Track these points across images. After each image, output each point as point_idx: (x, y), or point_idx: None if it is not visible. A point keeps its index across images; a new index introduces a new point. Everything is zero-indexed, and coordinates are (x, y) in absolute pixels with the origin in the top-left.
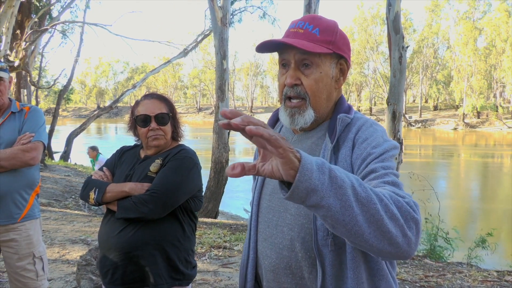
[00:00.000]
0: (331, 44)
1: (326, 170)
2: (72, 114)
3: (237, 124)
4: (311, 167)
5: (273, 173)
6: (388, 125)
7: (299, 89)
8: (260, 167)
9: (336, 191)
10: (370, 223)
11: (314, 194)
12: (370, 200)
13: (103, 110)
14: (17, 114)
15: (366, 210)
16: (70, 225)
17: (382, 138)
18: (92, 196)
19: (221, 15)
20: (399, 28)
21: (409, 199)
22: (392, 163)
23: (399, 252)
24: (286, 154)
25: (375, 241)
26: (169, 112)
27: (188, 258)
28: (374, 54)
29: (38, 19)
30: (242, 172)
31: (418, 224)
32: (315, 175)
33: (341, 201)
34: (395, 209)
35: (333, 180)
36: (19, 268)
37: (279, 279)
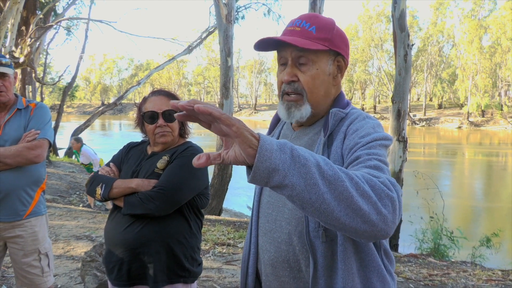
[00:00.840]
0: (327, 41)
1: (287, 149)
2: (77, 111)
3: (183, 105)
4: (271, 147)
5: (236, 159)
6: (393, 123)
7: (296, 85)
8: (225, 155)
9: (300, 169)
10: (339, 201)
11: (276, 174)
12: (338, 177)
13: (107, 107)
14: (23, 110)
15: (333, 188)
16: (74, 221)
17: (372, 128)
18: (99, 192)
19: (226, 12)
20: (404, 26)
21: (384, 179)
22: (379, 150)
23: (376, 230)
24: (241, 132)
25: (347, 219)
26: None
27: (194, 255)
28: (378, 52)
29: (43, 15)
30: (207, 162)
31: (394, 202)
32: (276, 154)
33: (305, 179)
34: (366, 187)
35: (296, 159)
36: (24, 264)
37: (278, 272)
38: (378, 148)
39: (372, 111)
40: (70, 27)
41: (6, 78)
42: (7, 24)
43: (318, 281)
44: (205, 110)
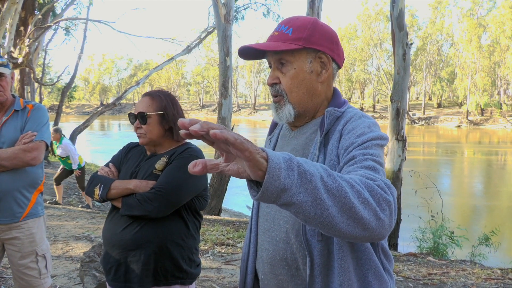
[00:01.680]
0: (301, 40)
1: (294, 166)
2: (76, 111)
3: (196, 130)
4: (279, 166)
5: (239, 174)
6: (392, 123)
7: (277, 87)
8: (224, 167)
9: (306, 186)
10: (342, 213)
11: (284, 193)
12: (341, 189)
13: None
14: (20, 112)
15: (337, 201)
16: (73, 222)
17: (368, 128)
18: (97, 192)
19: (225, 12)
20: (403, 25)
21: (380, 181)
22: (375, 150)
23: (374, 234)
24: (253, 157)
25: (349, 229)
26: (159, 111)
27: (192, 256)
28: (377, 51)
29: (42, 16)
30: (204, 170)
31: (391, 205)
32: (284, 174)
33: (312, 196)
34: (366, 193)
35: (303, 176)
36: (21, 266)
37: (276, 271)
38: (374, 148)
39: (371, 110)
40: (68, 28)
41: (3, 78)
42: (5, 24)
43: (315, 280)
44: (222, 137)
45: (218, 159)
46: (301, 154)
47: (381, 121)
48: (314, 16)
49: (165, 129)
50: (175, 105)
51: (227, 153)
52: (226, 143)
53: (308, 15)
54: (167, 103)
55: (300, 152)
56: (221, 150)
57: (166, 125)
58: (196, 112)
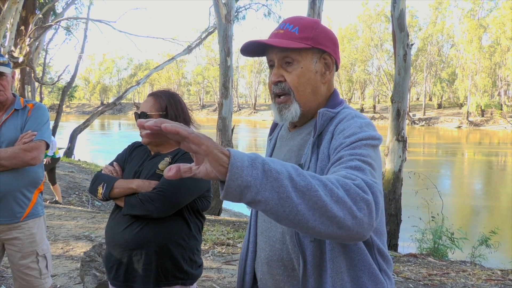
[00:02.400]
0: (309, 40)
1: (259, 164)
2: (76, 111)
3: (150, 125)
4: (242, 164)
5: (208, 175)
6: (392, 123)
7: (283, 85)
8: (196, 169)
9: (272, 183)
10: (313, 211)
11: (248, 190)
12: (310, 187)
13: (106, 107)
14: (20, 111)
15: (307, 198)
16: (73, 221)
17: (359, 128)
18: (100, 191)
19: (226, 12)
20: (404, 25)
21: (360, 180)
22: (364, 150)
23: (351, 234)
24: (210, 151)
25: (323, 227)
26: (160, 112)
27: (193, 257)
28: (378, 52)
29: (43, 15)
30: (177, 174)
31: (369, 204)
32: (247, 171)
33: (278, 193)
34: (340, 192)
35: (268, 173)
36: (22, 266)
37: (272, 271)
38: (363, 148)
39: (371, 111)
40: (69, 27)
41: (4, 77)
42: (6, 24)
43: (308, 280)
44: (172, 129)
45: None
46: (297, 155)
47: (381, 122)
48: (315, 16)
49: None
50: (179, 106)
51: (196, 155)
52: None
53: (309, 16)
54: (169, 104)
55: (295, 153)
56: (187, 150)
57: None
58: (197, 112)
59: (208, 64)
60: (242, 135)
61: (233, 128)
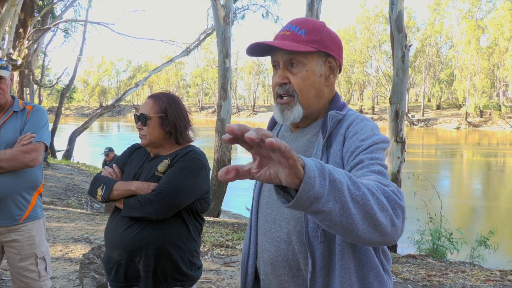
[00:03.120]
0: (316, 43)
1: (326, 174)
2: (75, 113)
3: (252, 138)
4: (314, 174)
5: (270, 179)
6: (391, 124)
7: (287, 87)
8: (256, 173)
9: (335, 194)
10: (364, 219)
11: (316, 202)
12: (365, 197)
13: (105, 109)
14: (19, 113)
15: (361, 208)
16: (72, 224)
17: (371, 131)
18: (99, 193)
19: (224, 14)
20: (402, 27)
21: (394, 187)
22: (380, 154)
23: (388, 240)
24: (296, 165)
25: (368, 235)
26: (159, 113)
27: (192, 259)
28: (377, 53)
29: (41, 17)
30: (236, 177)
31: (404, 211)
32: (318, 182)
33: (340, 204)
34: (384, 200)
35: (333, 184)
36: (21, 268)
37: (277, 271)
38: (379, 152)
39: (370, 112)
40: (68, 29)
41: (2, 81)
42: (4, 26)
43: (316, 280)
44: (277, 146)
45: (248, 164)
46: (302, 156)
47: (380, 123)
48: (313, 17)
49: (165, 131)
50: (178, 108)
51: (262, 158)
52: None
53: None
54: (169, 106)
55: (301, 154)
56: (258, 155)
57: (167, 127)
58: (196, 113)
59: (206, 66)
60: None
61: None
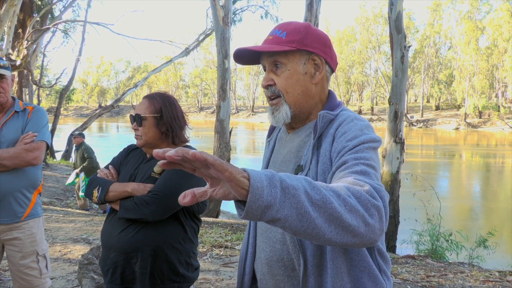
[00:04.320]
0: (295, 43)
1: (277, 182)
2: (74, 113)
3: (171, 156)
4: (261, 184)
5: (226, 196)
6: (390, 125)
7: (273, 88)
8: (212, 192)
9: (290, 200)
10: (329, 222)
11: (268, 210)
12: (325, 200)
13: (104, 109)
14: (20, 113)
15: (323, 211)
16: (71, 224)
17: (360, 131)
18: (96, 194)
19: (223, 14)
20: (401, 27)
21: (369, 187)
22: (367, 154)
23: (364, 240)
24: (234, 177)
25: (338, 237)
26: (155, 114)
27: (189, 260)
28: (376, 54)
29: (40, 18)
30: (193, 199)
31: (380, 210)
32: (267, 191)
33: (296, 209)
34: (353, 201)
35: (286, 191)
36: (23, 266)
37: (273, 271)
38: (366, 151)
39: (369, 113)
40: (67, 30)
41: (4, 80)
42: (3, 26)
43: (308, 279)
44: (201, 157)
45: (205, 187)
46: (296, 156)
47: (379, 124)
48: (313, 18)
49: (161, 132)
50: (173, 108)
51: (211, 179)
52: (205, 164)
53: (306, 18)
54: (164, 106)
55: (294, 154)
56: (204, 176)
57: (163, 127)
58: (195, 114)
59: (206, 66)
60: (240, 137)
61: (231, 130)
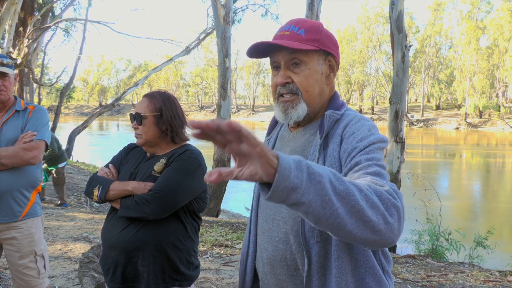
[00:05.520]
0: (316, 42)
1: (304, 167)
2: (74, 112)
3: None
4: (289, 165)
5: (252, 177)
6: (390, 124)
7: (290, 86)
8: (238, 172)
9: (315, 186)
10: (351, 214)
11: (294, 192)
12: (349, 192)
13: (105, 108)
14: (21, 112)
15: (346, 202)
16: (72, 222)
17: (368, 131)
18: (96, 193)
19: (224, 13)
20: (402, 27)
21: (389, 187)
22: (377, 155)
23: (383, 239)
24: (264, 153)
25: (358, 231)
26: (155, 112)
27: (190, 258)
28: (376, 53)
29: (41, 16)
30: (219, 178)
31: (399, 210)
32: (294, 173)
33: (321, 196)
34: (375, 198)
35: (312, 176)
36: (20, 266)
37: (275, 271)
38: (376, 152)
39: (370, 112)
40: (67, 28)
41: (6, 78)
42: (4, 25)
43: (312, 279)
44: (236, 127)
45: (231, 167)
46: (300, 155)
47: (379, 123)
48: (314, 17)
49: (161, 130)
50: (173, 107)
51: (239, 157)
52: (238, 137)
53: (307, 17)
54: (164, 105)
55: (299, 153)
56: (234, 152)
57: (163, 126)
58: (195, 113)
59: (206, 65)
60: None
61: None
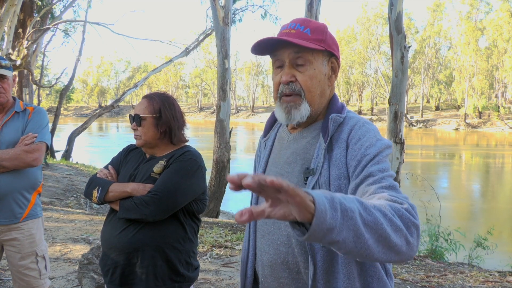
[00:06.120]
0: (322, 42)
1: (337, 205)
2: (74, 113)
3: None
4: (325, 207)
5: (285, 217)
6: (390, 125)
7: (293, 86)
8: (270, 212)
9: (348, 223)
10: (378, 243)
11: (330, 233)
12: (377, 221)
13: (104, 109)
14: (21, 114)
15: (374, 232)
16: (71, 224)
17: (375, 137)
18: (95, 195)
19: (223, 15)
20: (401, 28)
21: (407, 204)
22: (387, 163)
23: (404, 258)
24: (303, 201)
25: (384, 256)
26: (154, 114)
27: (189, 260)
28: (376, 54)
29: (40, 18)
30: (251, 218)
31: (418, 229)
32: (329, 215)
33: (353, 231)
34: (398, 221)
35: (344, 214)
36: (21, 267)
37: (277, 274)
38: (385, 161)
39: (369, 113)
40: (67, 30)
41: (5, 80)
42: (4, 26)
43: (317, 284)
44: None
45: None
46: (302, 158)
47: (379, 124)
48: (313, 18)
49: (160, 132)
50: (172, 108)
51: (273, 199)
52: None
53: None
54: (163, 106)
55: (301, 156)
56: (268, 197)
57: (162, 127)
58: (195, 114)
59: (206, 66)
60: (240, 138)
61: (231, 130)
